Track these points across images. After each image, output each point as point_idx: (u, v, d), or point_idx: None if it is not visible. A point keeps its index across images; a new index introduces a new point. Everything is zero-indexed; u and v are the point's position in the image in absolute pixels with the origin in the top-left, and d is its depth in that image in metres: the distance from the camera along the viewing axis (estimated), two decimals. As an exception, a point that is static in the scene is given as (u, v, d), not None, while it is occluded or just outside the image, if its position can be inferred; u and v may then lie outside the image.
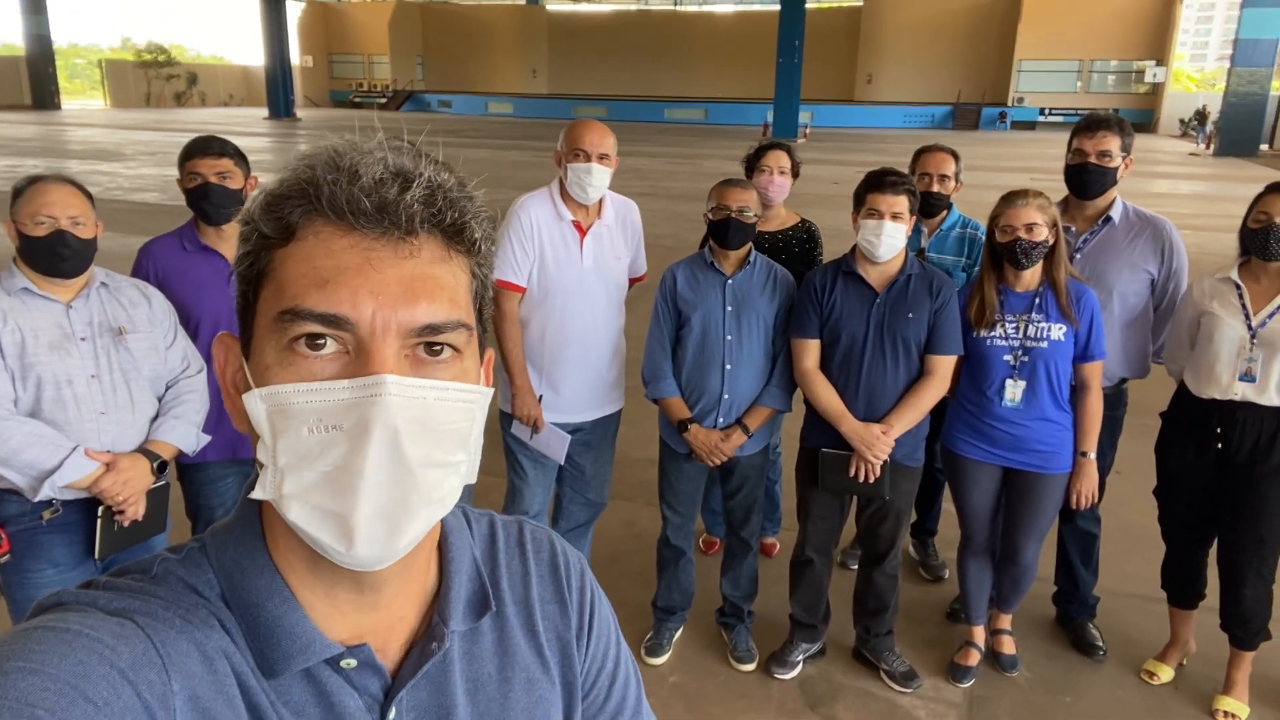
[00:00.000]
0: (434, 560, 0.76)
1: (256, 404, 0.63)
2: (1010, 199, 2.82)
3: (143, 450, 2.34)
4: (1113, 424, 3.18)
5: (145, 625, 0.61)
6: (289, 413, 0.62)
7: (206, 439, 2.51)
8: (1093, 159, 3.03)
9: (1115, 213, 3.11)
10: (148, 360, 2.39)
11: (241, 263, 0.66)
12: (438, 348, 0.65)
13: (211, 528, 0.72)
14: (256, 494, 0.64)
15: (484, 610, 0.76)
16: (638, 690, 0.90)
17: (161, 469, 2.37)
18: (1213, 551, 2.99)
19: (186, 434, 2.43)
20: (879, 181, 2.80)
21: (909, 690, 3.02)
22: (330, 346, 0.62)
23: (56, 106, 40.60)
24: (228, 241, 2.76)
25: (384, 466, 0.61)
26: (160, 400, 2.45)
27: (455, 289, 0.66)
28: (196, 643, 0.62)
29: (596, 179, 2.93)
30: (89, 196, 2.35)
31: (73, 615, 0.60)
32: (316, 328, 0.61)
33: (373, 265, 0.62)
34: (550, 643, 0.81)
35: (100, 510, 2.27)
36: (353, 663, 0.68)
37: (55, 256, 2.23)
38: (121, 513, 2.28)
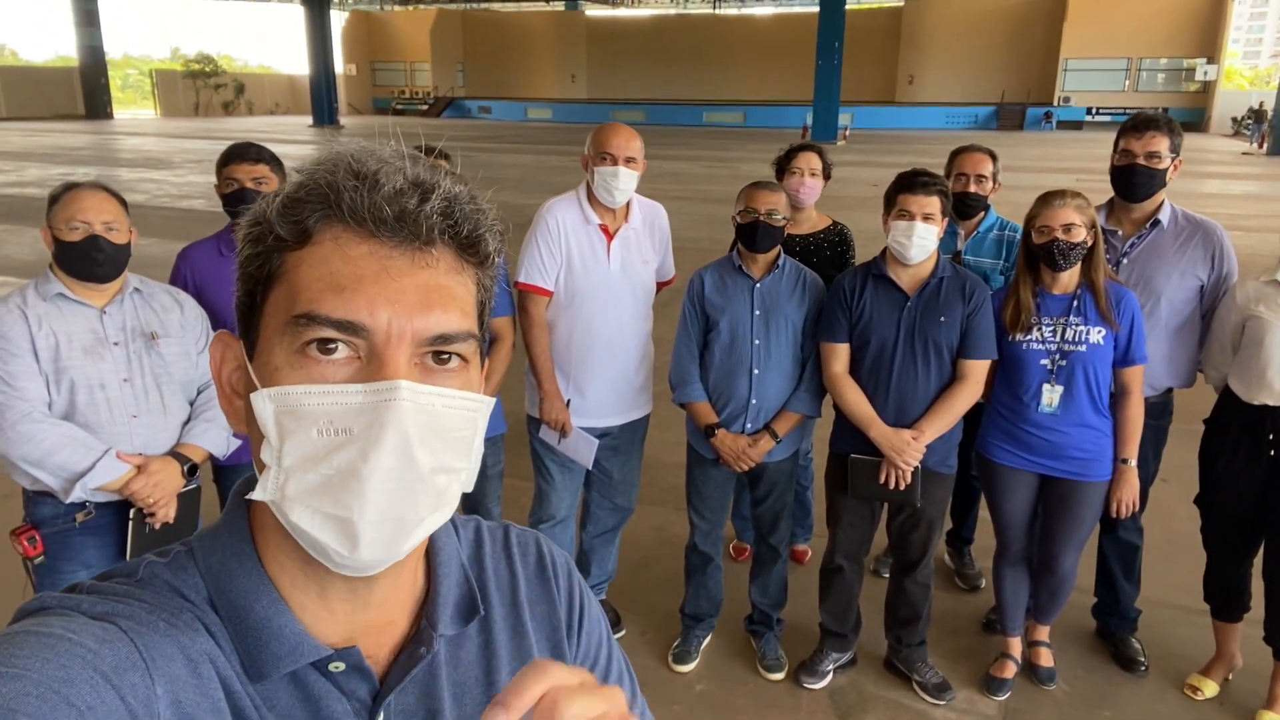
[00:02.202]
0: (422, 564, 0.76)
1: (264, 404, 0.62)
2: (1047, 199, 2.76)
3: (174, 453, 2.37)
4: (1157, 434, 3.09)
5: (129, 629, 0.61)
6: (299, 414, 0.61)
7: (237, 443, 2.54)
8: (1141, 160, 2.94)
9: (1164, 216, 3.02)
10: (179, 365, 2.43)
11: (250, 263, 0.66)
12: (446, 357, 0.65)
13: (199, 532, 0.72)
14: (257, 495, 0.64)
15: (472, 615, 0.76)
16: (632, 688, 0.88)
17: (192, 472, 2.40)
18: (1256, 562, 2.89)
19: (217, 438, 2.47)
20: (910, 182, 2.76)
21: (942, 702, 2.96)
22: (342, 352, 0.62)
23: (109, 116, 41.71)
24: None
25: (394, 472, 0.61)
26: (192, 404, 2.48)
27: (466, 300, 0.67)
28: (181, 646, 0.62)
29: (623, 182, 2.92)
30: (123, 203, 2.39)
31: (55, 619, 0.60)
32: (331, 333, 0.62)
33: (390, 274, 0.63)
34: (540, 643, 0.82)
35: (132, 513, 2.30)
36: (341, 666, 0.67)
37: (89, 261, 2.27)
38: (153, 515, 2.31)
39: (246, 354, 0.67)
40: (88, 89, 40.85)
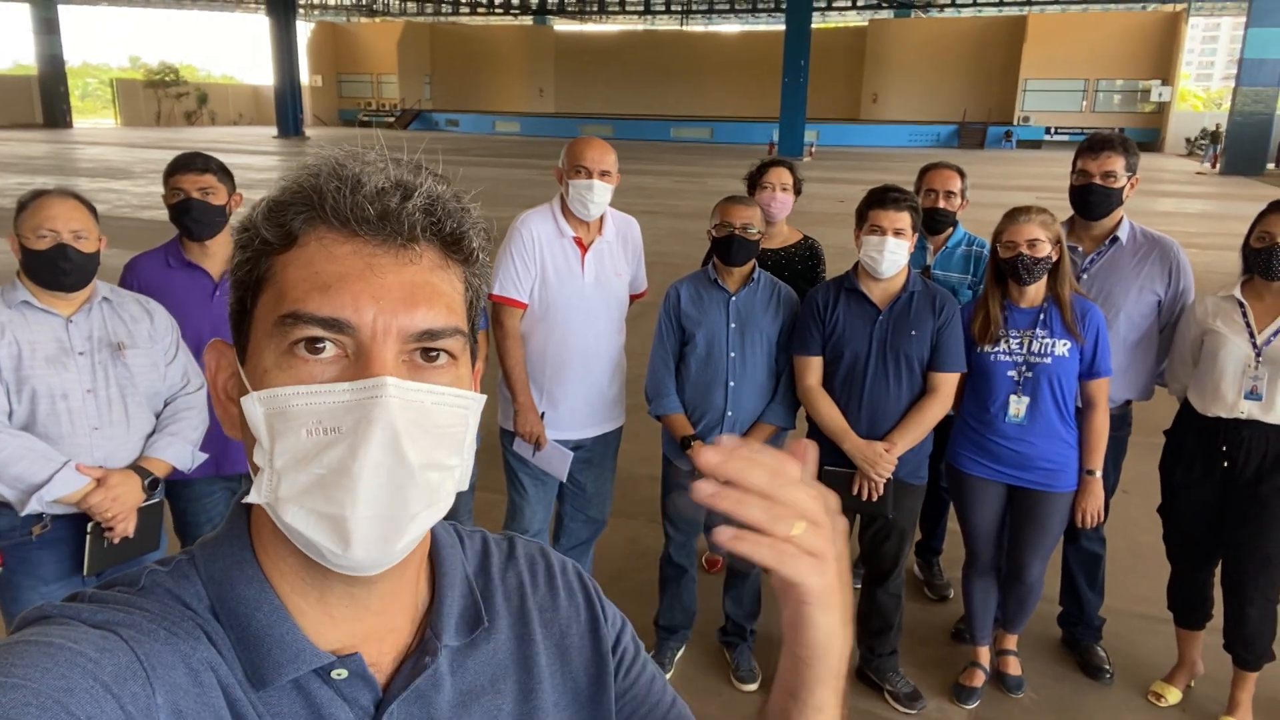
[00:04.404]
0: (425, 573, 0.76)
1: (255, 407, 0.63)
2: (1013, 215, 2.81)
3: (135, 467, 2.32)
4: (1116, 445, 3.14)
5: (129, 638, 0.60)
6: (288, 415, 0.62)
7: (203, 457, 2.49)
8: (1097, 179, 3.01)
9: (1122, 233, 3.09)
10: (146, 377, 2.38)
11: (239, 269, 0.67)
12: (434, 353, 0.65)
13: (200, 540, 0.71)
14: (251, 498, 0.64)
15: (476, 625, 0.76)
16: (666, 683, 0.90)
17: (153, 486, 2.35)
18: (1218, 572, 2.96)
19: (181, 451, 2.41)
20: (881, 198, 2.80)
21: (913, 711, 2.98)
22: (329, 350, 0.62)
23: (68, 125, 41.02)
24: (211, 257, 2.76)
25: (384, 467, 0.61)
26: (158, 417, 2.44)
27: (452, 296, 0.67)
28: (182, 655, 0.62)
29: (598, 195, 2.93)
30: (93, 211, 2.34)
31: (56, 629, 0.60)
32: (318, 331, 0.62)
33: (374, 271, 0.63)
34: (549, 651, 0.81)
35: (89, 526, 2.25)
36: (343, 673, 0.67)
37: (56, 270, 2.23)
38: (111, 529, 2.26)
39: (239, 359, 0.67)
40: (46, 97, 40.17)
